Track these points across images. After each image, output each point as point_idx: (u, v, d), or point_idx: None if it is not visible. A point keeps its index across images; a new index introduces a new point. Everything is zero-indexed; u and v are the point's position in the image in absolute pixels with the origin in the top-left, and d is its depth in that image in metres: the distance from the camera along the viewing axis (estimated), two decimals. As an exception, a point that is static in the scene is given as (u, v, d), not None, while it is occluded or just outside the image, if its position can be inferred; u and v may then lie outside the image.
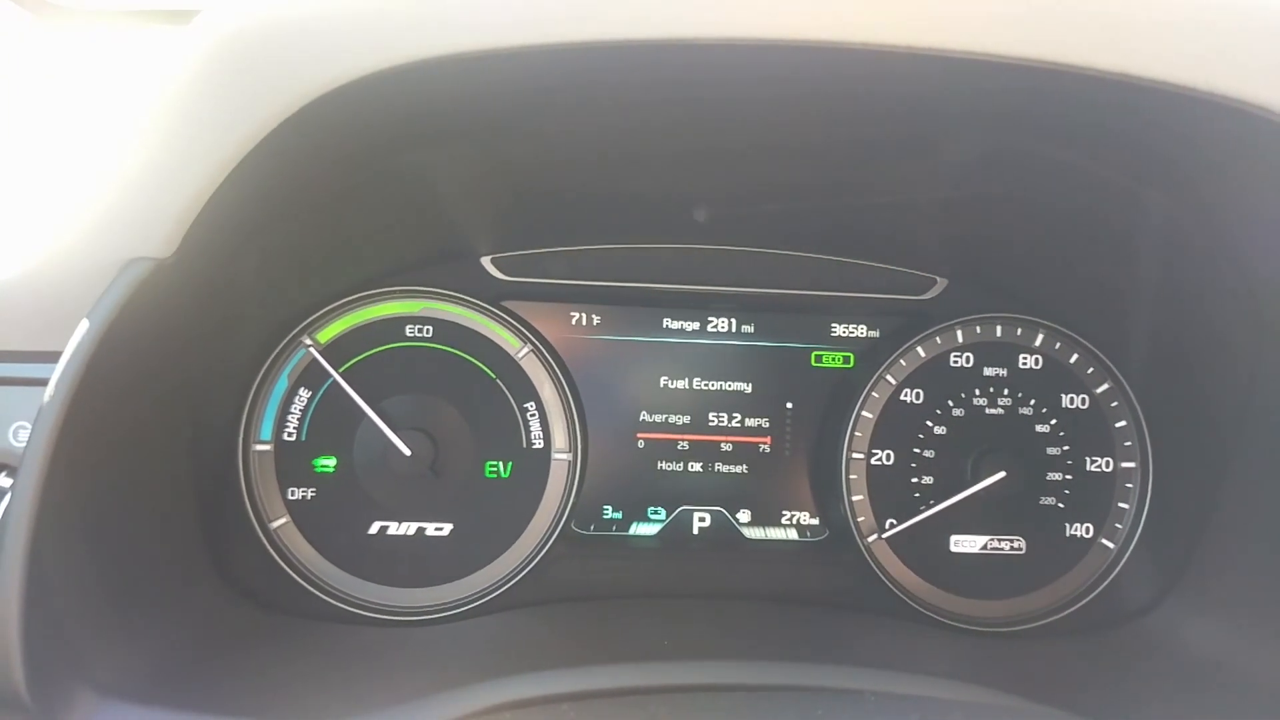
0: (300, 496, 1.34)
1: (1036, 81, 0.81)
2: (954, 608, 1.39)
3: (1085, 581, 1.40)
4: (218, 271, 1.01)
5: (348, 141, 0.95)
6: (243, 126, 0.81)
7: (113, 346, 0.86)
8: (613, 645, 1.20)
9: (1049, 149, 0.99)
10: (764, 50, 0.79)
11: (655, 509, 1.45)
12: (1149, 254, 1.16)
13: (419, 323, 1.39)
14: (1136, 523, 1.39)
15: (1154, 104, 0.82)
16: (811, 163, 1.14)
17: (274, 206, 1.01)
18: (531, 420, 1.40)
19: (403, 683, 1.03)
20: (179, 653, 1.00)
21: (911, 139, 1.03)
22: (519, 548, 1.38)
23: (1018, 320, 1.43)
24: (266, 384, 1.34)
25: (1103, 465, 1.41)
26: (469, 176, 1.15)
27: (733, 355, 1.46)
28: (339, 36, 0.79)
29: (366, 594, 1.33)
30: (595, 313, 1.44)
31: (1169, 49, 0.77)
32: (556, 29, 0.77)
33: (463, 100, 0.90)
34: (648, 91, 0.91)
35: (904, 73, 0.83)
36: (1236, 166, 0.92)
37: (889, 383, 1.42)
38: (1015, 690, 0.98)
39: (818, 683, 0.92)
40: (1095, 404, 1.42)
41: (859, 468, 1.41)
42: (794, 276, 1.45)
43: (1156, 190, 1.01)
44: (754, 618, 1.30)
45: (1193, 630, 1.23)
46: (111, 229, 0.87)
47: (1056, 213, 1.16)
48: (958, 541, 1.41)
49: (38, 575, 0.81)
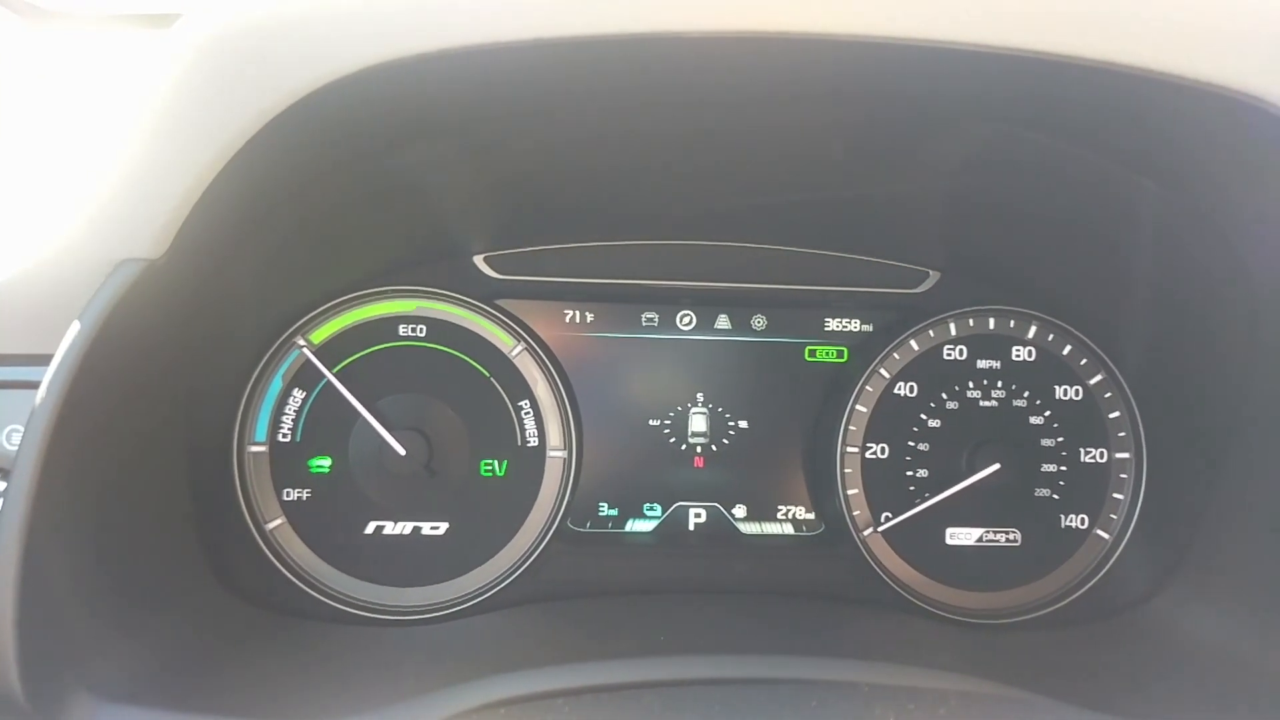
0: (295, 497, 1.34)
1: (1029, 72, 0.81)
2: (950, 600, 1.40)
3: (1081, 572, 1.40)
4: (210, 272, 1.01)
5: (336, 140, 0.95)
6: (229, 126, 0.81)
7: (105, 348, 0.86)
8: (609, 642, 1.20)
9: (1042, 140, 0.99)
10: (754, 44, 0.79)
11: (651, 505, 1.45)
12: (1142, 244, 1.15)
13: (412, 322, 1.39)
14: (1131, 513, 1.40)
15: (1146, 94, 0.82)
16: (803, 157, 1.14)
17: (265, 206, 1.01)
18: (526, 418, 1.40)
19: (400, 681, 1.03)
20: (175, 654, 1.00)
21: (904, 132, 1.03)
22: (515, 546, 1.38)
23: (1011, 312, 1.43)
24: (261, 385, 1.34)
25: (1097, 456, 1.41)
26: (460, 175, 1.15)
27: (726, 351, 1.46)
28: (323, 35, 0.79)
29: (363, 593, 1.33)
30: (588, 310, 1.44)
31: (1162, 39, 0.77)
32: (545, 24, 0.77)
33: (451, 97, 0.90)
34: (639, 86, 0.91)
35: (896, 65, 0.83)
36: (1229, 156, 0.92)
37: (883, 376, 1.42)
38: (1012, 681, 0.97)
39: (814, 675, 0.92)
40: (1089, 395, 1.42)
41: (854, 462, 1.41)
42: (787, 272, 1.45)
43: (1149, 180, 1.01)
44: (750, 613, 1.30)
45: (1189, 619, 1.24)
46: (102, 231, 0.87)
47: (1049, 204, 1.16)
48: (953, 534, 1.41)
49: (33, 577, 0.81)
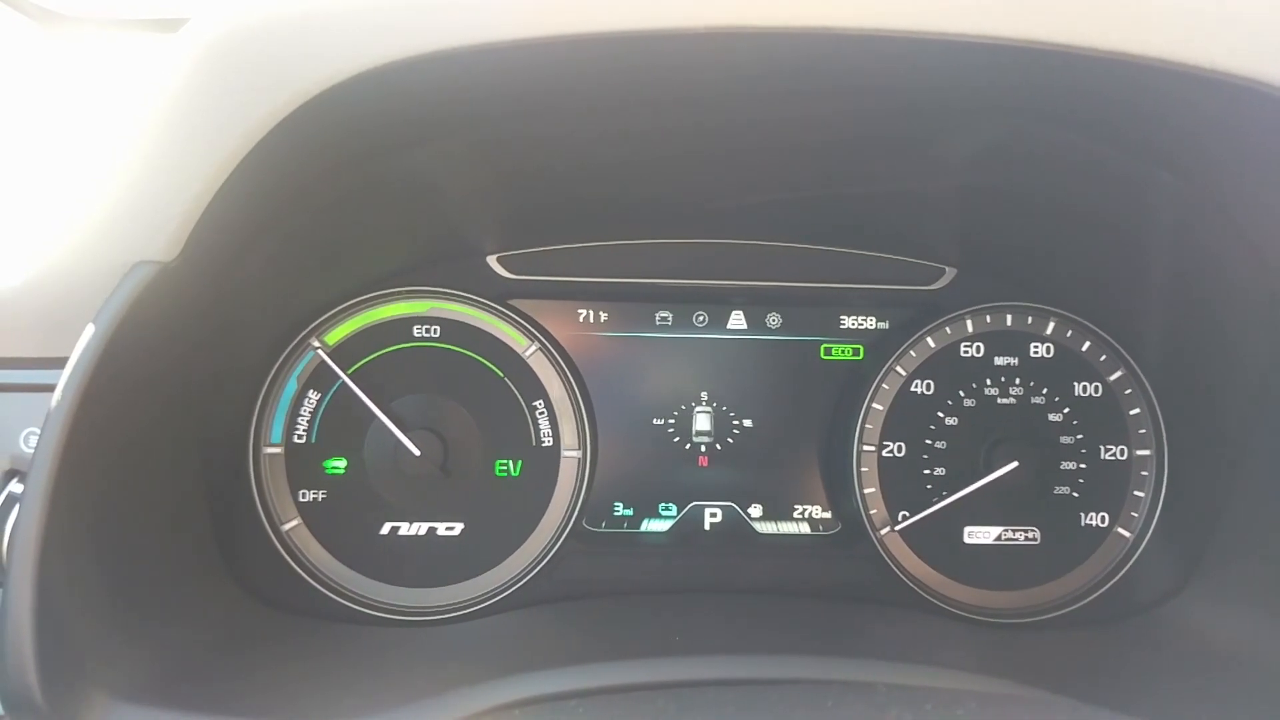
0: (311, 498, 1.35)
1: (1044, 64, 0.80)
2: (968, 599, 1.38)
3: (1101, 571, 1.38)
4: (223, 274, 1.01)
5: (348, 140, 0.95)
6: (239, 127, 0.81)
7: (119, 351, 0.86)
8: (624, 642, 1.19)
9: (1058, 134, 0.98)
10: (767, 38, 0.78)
11: (666, 505, 1.44)
12: (1160, 239, 1.14)
13: (426, 323, 1.39)
14: (1153, 511, 1.38)
15: (1163, 85, 0.81)
16: (817, 152, 1.13)
17: (277, 208, 1.01)
18: (540, 418, 1.40)
19: (415, 682, 1.03)
20: (192, 655, 1.00)
21: (918, 127, 1.02)
22: (530, 546, 1.38)
23: (1028, 309, 1.42)
24: (276, 386, 1.34)
25: (1117, 454, 1.40)
26: (472, 174, 1.15)
27: (741, 349, 1.46)
28: (333, 35, 0.79)
29: (378, 594, 1.33)
30: (602, 309, 1.44)
31: (1178, 29, 0.76)
32: (555, 22, 0.77)
33: (462, 96, 0.90)
34: (651, 84, 0.91)
35: (909, 59, 0.83)
36: (1248, 149, 0.90)
37: (899, 374, 1.41)
38: (1031, 681, 0.96)
39: (830, 675, 0.92)
40: (1108, 392, 1.41)
41: (870, 460, 1.40)
42: (802, 269, 1.44)
43: (1167, 174, 1.00)
44: (766, 612, 1.29)
45: (1211, 619, 1.22)
46: (115, 234, 0.88)
47: (1066, 199, 1.15)
48: (971, 533, 1.40)
49: (51, 579, 0.81)
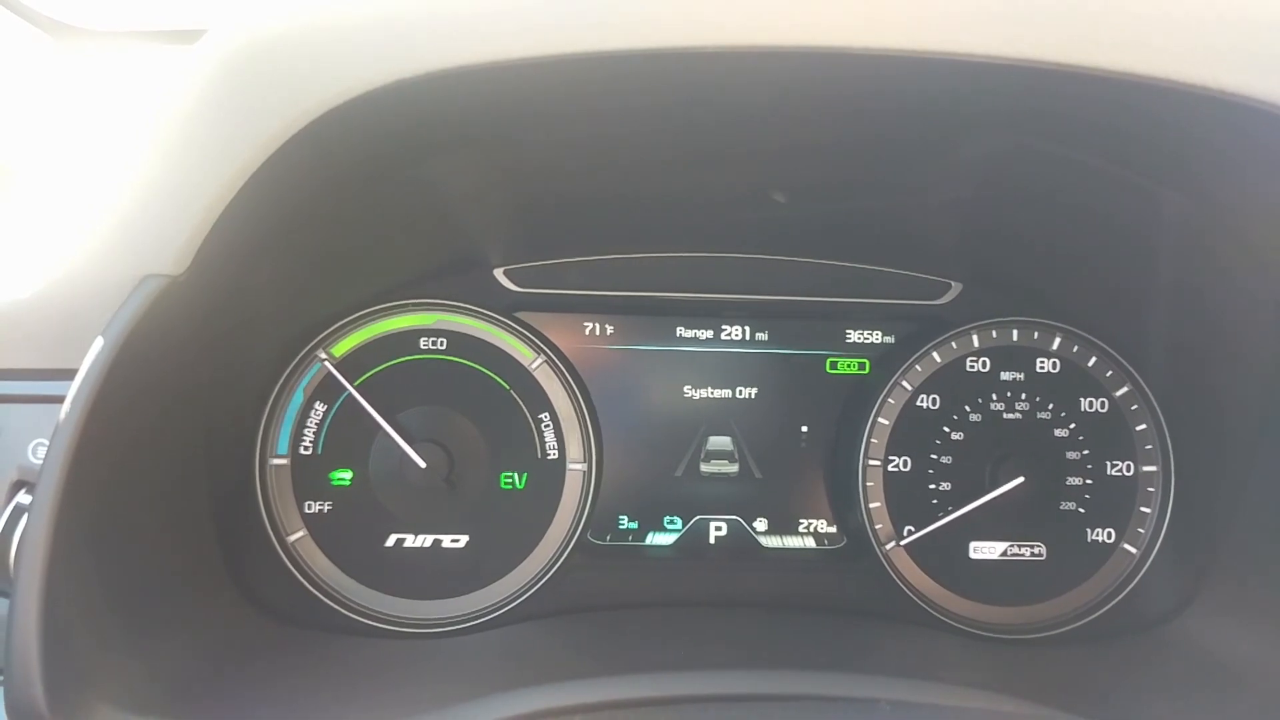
0: (317, 510, 1.35)
1: (1049, 84, 0.80)
2: (974, 615, 1.38)
3: (1107, 587, 1.38)
4: (231, 287, 1.01)
5: (357, 155, 0.95)
6: (250, 141, 0.82)
7: (127, 363, 0.86)
8: (629, 656, 1.19)
9: (1063, 151, 0.98)
10: (774, 57, 0.78)
11: (671, 518, 1.44)
12: (1167, 255, 1.14)
13: (433, 335, 1.39)
14: (1159, 527, 1.37)
15: (1168, 104, 0.81)
16: (825, 167, 1.14)
17: (286, 221, 1.02)
18: (546, 431, 1.40)
19: (420, 695, 1.03)
20: (197, 666, 1.00)
21: (924, 143, 1.02)
22: (535, 559, 1.37)
23: (1034, 324, 1.42)
24: (282, 398, 1.35)
25: (1124, 469, 1.39)
26: (479, 188, 1.15)
27: (747, 363, 1.46)
28: (346, 51, 0.79)
29: (383, 606, 1.33)
30: (608, 323, 1.44)
31: (1182, 48, 0.76)
32: (566, 39, 0.77)
33: (472, 112, 0.91)
34: (658, 100, 0.91)
35: (915, 78, 0.83)
36: (1252, 166, 0.90)
37: (905, 388, 1.41)
38: (1036, 698, 0.96)
39: (834, 691, 0.92)
40: (1115, 407, 1.40)
41: (876, 475, 1.40)
42: (808, 283, 1.44)
43: (1173, 190, 1.00)
44: (771, 627, 1.29)
45: (1218, 636, 1.21)
46: (124, 246, 0.88)
47: (1072, 214, 1.15)
48: (977, 548, 1.39)
49: (57, 590, 0.81)
